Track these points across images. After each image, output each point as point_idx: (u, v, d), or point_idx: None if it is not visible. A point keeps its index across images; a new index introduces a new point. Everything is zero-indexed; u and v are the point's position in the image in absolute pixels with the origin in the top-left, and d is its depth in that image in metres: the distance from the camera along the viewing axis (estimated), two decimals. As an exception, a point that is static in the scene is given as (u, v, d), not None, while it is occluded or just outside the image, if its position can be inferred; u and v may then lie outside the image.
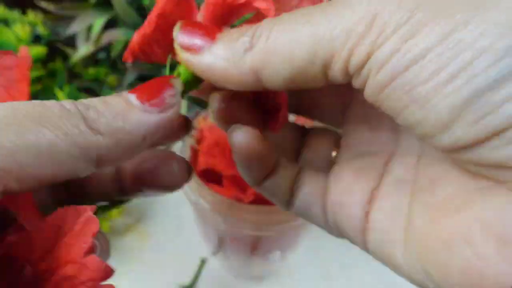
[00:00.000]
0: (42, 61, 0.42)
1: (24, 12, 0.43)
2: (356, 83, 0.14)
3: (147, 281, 0.22)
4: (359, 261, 0.42)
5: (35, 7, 0.43)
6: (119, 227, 0.43)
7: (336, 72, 0.14)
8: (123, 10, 0.41)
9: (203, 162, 0.30)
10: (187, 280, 0.39)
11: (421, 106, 0.12)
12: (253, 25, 0.14)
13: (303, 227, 0.32)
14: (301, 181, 0.18)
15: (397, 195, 0.16)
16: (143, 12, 0.42)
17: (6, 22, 0.42)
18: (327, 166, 0.19)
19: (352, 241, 0.18)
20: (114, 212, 0.40)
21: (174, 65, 0.17)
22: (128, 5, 0.41)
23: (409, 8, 0.12)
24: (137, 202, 0.45)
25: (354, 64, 0.13)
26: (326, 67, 0.14)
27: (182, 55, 0.15)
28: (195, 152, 0.32)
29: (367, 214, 0.17)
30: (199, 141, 0.32)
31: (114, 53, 0.42)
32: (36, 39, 0.42)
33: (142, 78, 0.44)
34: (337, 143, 0.19)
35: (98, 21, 0.42)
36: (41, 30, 0.43)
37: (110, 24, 0.42)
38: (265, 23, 0.14)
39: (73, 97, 0.41)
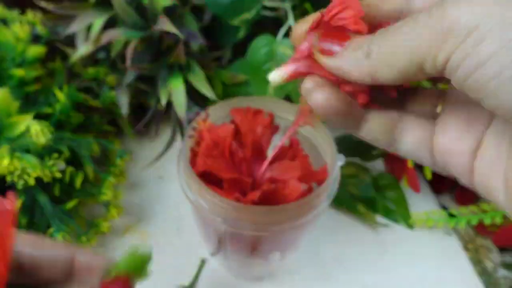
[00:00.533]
0: (41, 61, 0.42)
1: (23, 12, 0.43)
2: (446, 75, 0.18)
3: (147, 281, 0.22)
4: (359, 261, 0.42)
5: (34, 6, 0.43)
6: (119, 227, 0.43)
7: (430, 70, 0.18)
8: (123, 10, 0.41)
9: (202, 163, 0.30)
10: (187, 281, 0.39)
11: (494, 98, 0.17)
12: (367, 37, 0.20)
13: (302, 227, 0.32)
14: (405, 126, 0.22)
15: (498, 148, 0.20)
16: (143, 12, 0.42)
17: (5, 22, 0.42)
18: (431, 116, 0.22)
19: (460, 180, 0.21)
20: (114, 212, 0.40)
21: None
22: (128, 5, 0.41)
23: (477, 18, 0.16)
24: (137, 202, 0.45)
25: (439, 65, 0.17)
26: (420, 68, 0.18)
27: (319, 57, 0.21)
28: (194, 154, 0.32)
29: (473, 161, 0.20)
30: (198, 142, 0.32)
31: (113, 52, 0.42)
32: (35, 38, 0.42)
33: (141, 78, 0.44)
34: (439, 99, 0.23)
35: (98, 21, 0.42)
36: (40, 29, 0.43)
37: (110, 24, 0.42)
38: (373, 38, 0.19)
39: (72, 96, 0.41)
